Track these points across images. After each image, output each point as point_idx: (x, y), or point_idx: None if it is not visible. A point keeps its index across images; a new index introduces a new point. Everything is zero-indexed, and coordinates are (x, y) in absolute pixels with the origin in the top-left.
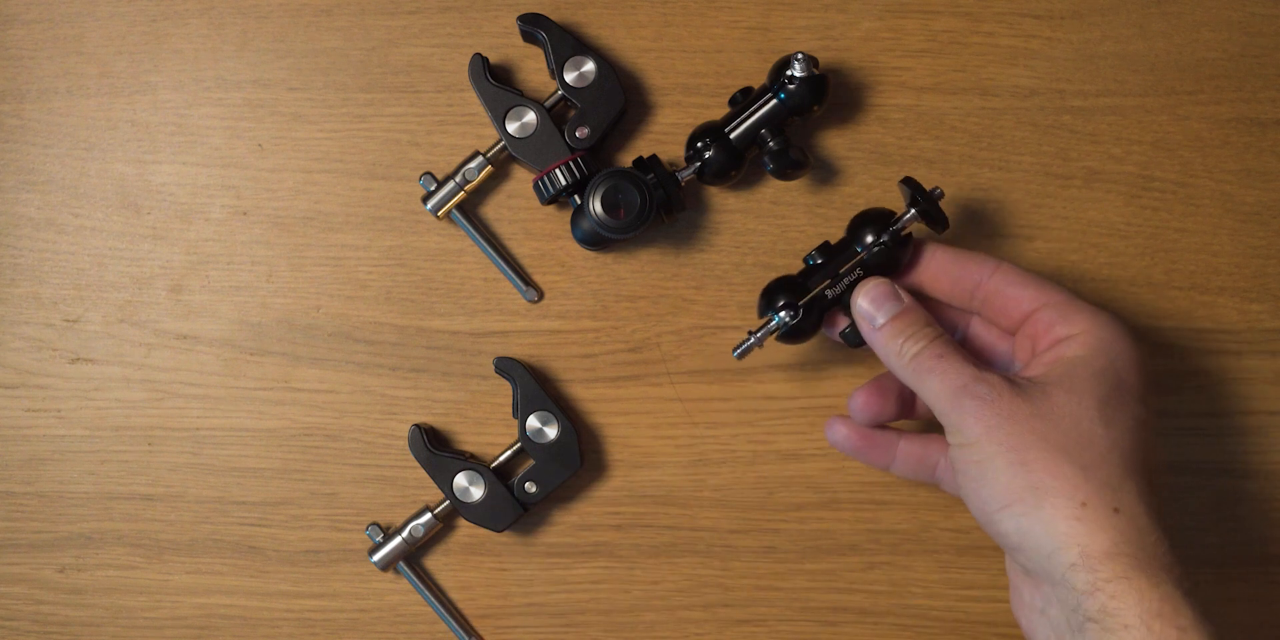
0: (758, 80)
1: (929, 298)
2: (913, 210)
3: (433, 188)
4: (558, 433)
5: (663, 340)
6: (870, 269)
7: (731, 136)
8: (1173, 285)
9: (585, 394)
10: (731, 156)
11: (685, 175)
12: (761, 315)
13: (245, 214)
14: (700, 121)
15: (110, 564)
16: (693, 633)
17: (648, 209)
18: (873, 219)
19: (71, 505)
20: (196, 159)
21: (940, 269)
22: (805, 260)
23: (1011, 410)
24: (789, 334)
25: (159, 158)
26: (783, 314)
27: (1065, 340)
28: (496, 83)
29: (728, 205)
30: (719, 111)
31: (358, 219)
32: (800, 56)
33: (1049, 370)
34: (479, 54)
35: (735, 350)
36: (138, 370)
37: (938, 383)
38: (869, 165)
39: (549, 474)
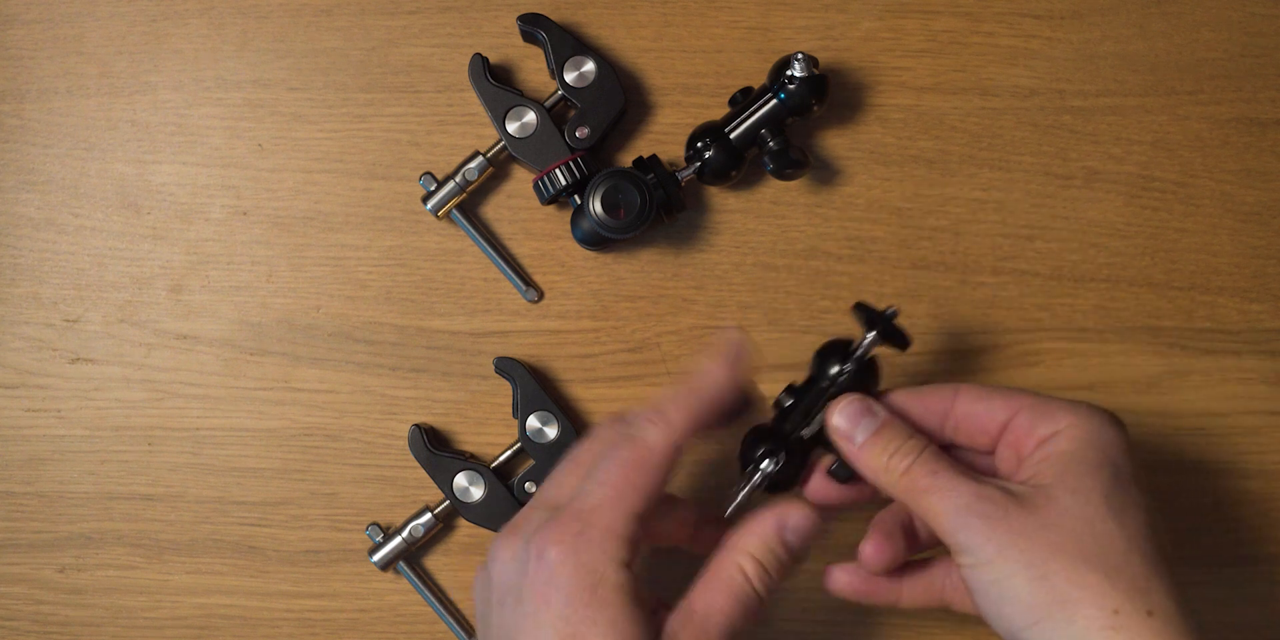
0: (758, 80)
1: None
2: (870, 334)
3: (433, 188)
4: (558, 433)
5: (663, 340)
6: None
7: (731, 136)
8: (1173, 285)
9: (585, 394)
10: (731, 156)
11: (685, 175)
12: (744, 469)
13: (245, 214)
14: (700, 121)
15: (110, 564)
16: None
17: (648, 209)
18: (833, 350)
19: (71, 505)
20: (196, 159)
21: (906, 413)
22: (775, 405)
23: (1021, 524)
24: (774, 485)
25: (159, 158)
26: (765, 463)
27: (1051, 438)
28: (496, 83)
29: (728, 205)
30: (719, 111)
31: (358, 219)
32: (800, 56)
33: (1043, 470)
34: (479, 54)
35: (727, 512)
36: (138, 370)
37: (937, 502)
38: (869, 165)
39: (549, 474)
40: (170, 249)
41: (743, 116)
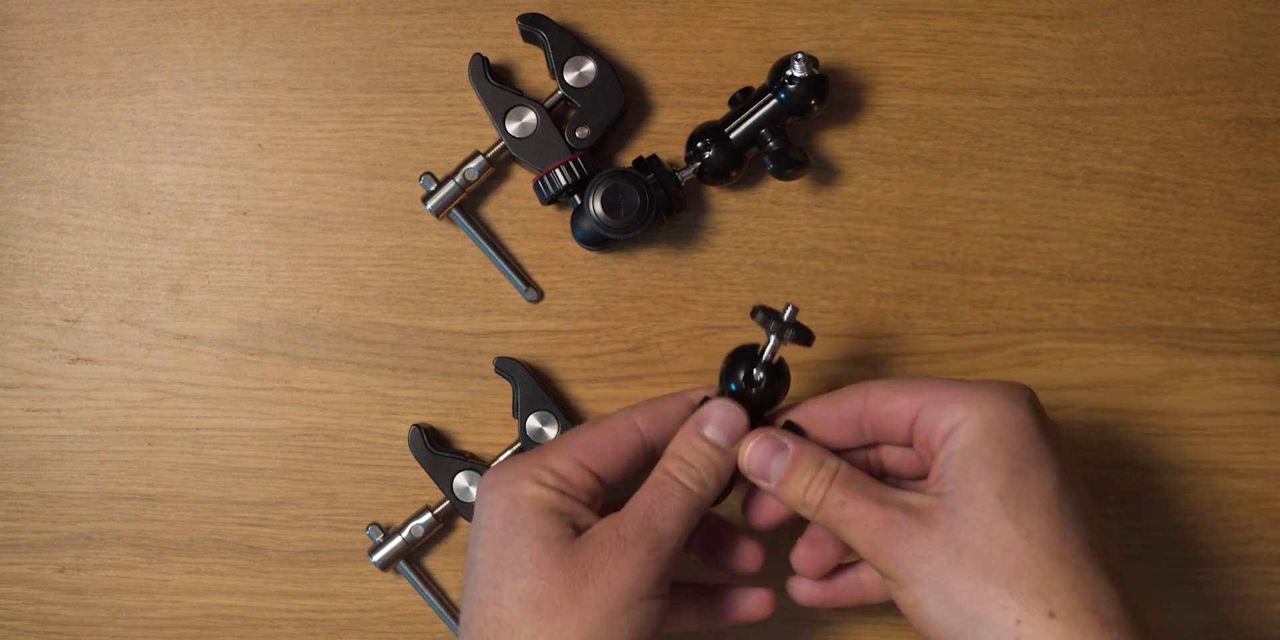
0: (758, 80)
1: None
2: (772, 338)
3: (433, 188)
4: (558, 433)
5: (663, 340)
6: (756, 407)
7: (731, 136)
8: (1173, 285)
9: (585, 394)
10: (731, 156)
11: (685, 175)
12: None
13: (245, 214)
14: (700, 121)
15: (110, 564)
16: (693, 633)
17: (648, 209)
18: (742, 356)
19: (71, 505)
20: (196, 159)
21: (821, 421)
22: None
23: (924, 546)
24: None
25: (159, 158)
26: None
27: (951, 433)
28: (496, 83)
29: (728, 205)
30: (719, 111)
31: (358, 219)
32: (800, 56)
33: (945, 474)
34: (479, 54)
35: None
36: (138, 370)
37: (853, 534)
38: (869, 165)
39: None
40: (170, 249)
41: (743, 116)
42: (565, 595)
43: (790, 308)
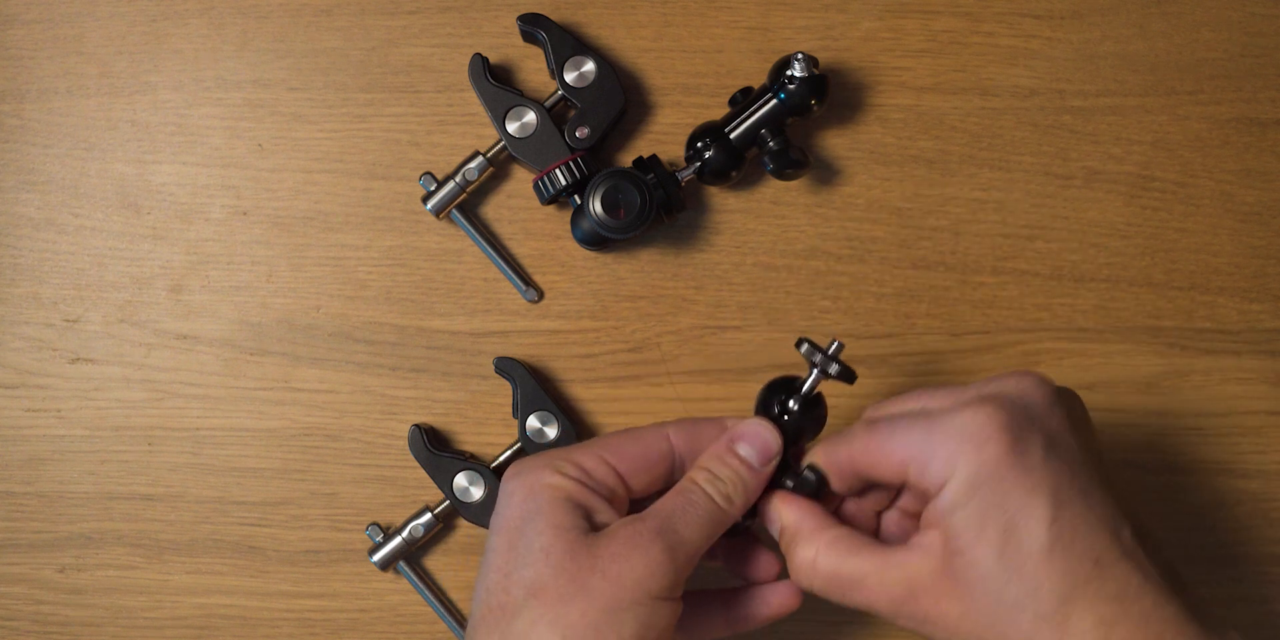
0: (758, 80)
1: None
2: (815, 373)
3: (433, 188)
4: (558, 433)
5: (663, 340)
6: (792, 437)
7: (731, 136)
8: (1173, 285)
9: (585, 394)
10: (731, 156)
11: (685, 175)
12: None
13: (245, 214)
14: (700, 121)
15: (110, 564)
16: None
17: (648, 209)
18: (780, 387)
19: (71, 505)
20: (196, 159)
21: (836, 466)
22: None
23: (932, 606)
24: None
25: (159, 158)
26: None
27: (941, 490)
28: (496, 83)
29: (728, 205)
30: (719, 111)
31: (358, 219)
32: (800, 56)
33: (943, 532)
34: (479, 54)
35: None
36: (138, 370)
37: (859, 599)
38: (869, 165)
39: None
40: (170, 249)
41: (743, 116)
42: (570, 583)
43: (836, 343)
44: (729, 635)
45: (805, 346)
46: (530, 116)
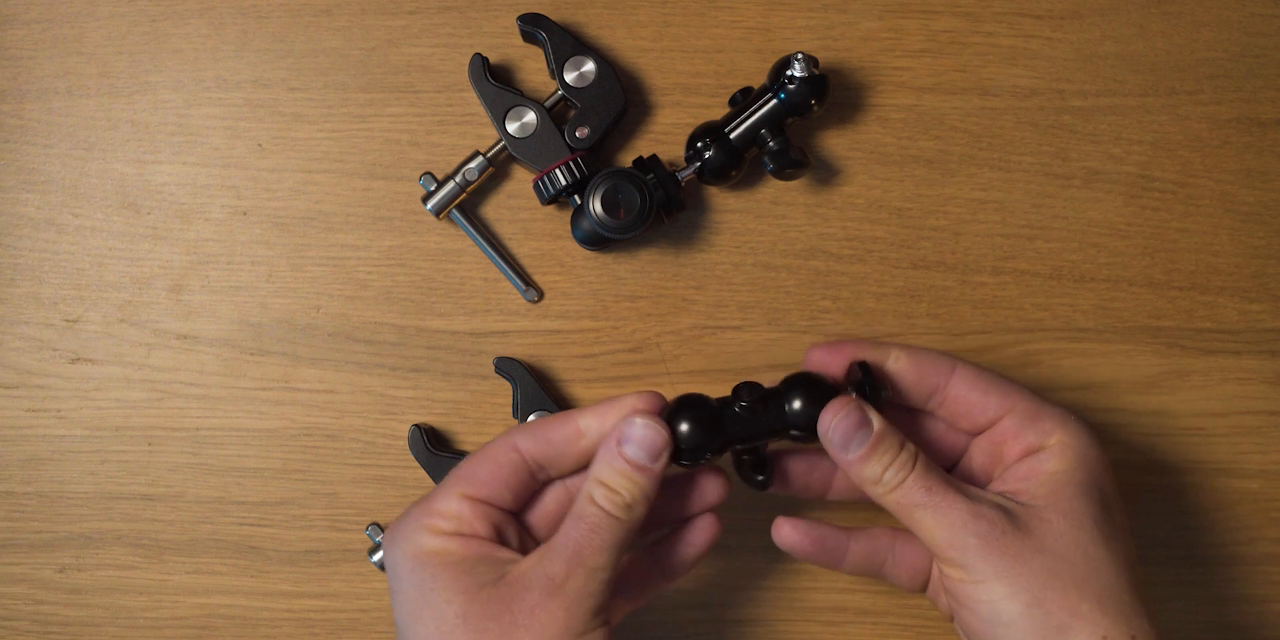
0: (758, 80)
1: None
2: (854, 393)
3: (433, 188)
4: None
5: (663, 340)
6: (800, 430)
7: (731, 136)
8: (1173, 285)
9: (585, 394)
10: (731, 156)
11: (685, 175)
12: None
13: (245, 214)
14: (700, 121)
15: (110, 564)
16: (693, 633)
17: (648, 209)
18: (806, 384)
19: (71, 505)
20: (196, 159)
21: (897, 374)
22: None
23: (1018, 548)
24: (680, 453)
25: (159, 158)
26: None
27: (1039, 452)
28: (496, 83)
29: (728, 205)
30: (719, 111)
31: (358, 219)
32: (800, 56)
33: (1034, 489)
34: (479, 54)
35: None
36: (138, 370)
37: (931, 520)
38: (869, 165)
39: None
40: (170, 249)
41: (743, 116)
42: None
43: (886, 391)
44: (670, 585)
45: (860, 369)
46: (530, 116)
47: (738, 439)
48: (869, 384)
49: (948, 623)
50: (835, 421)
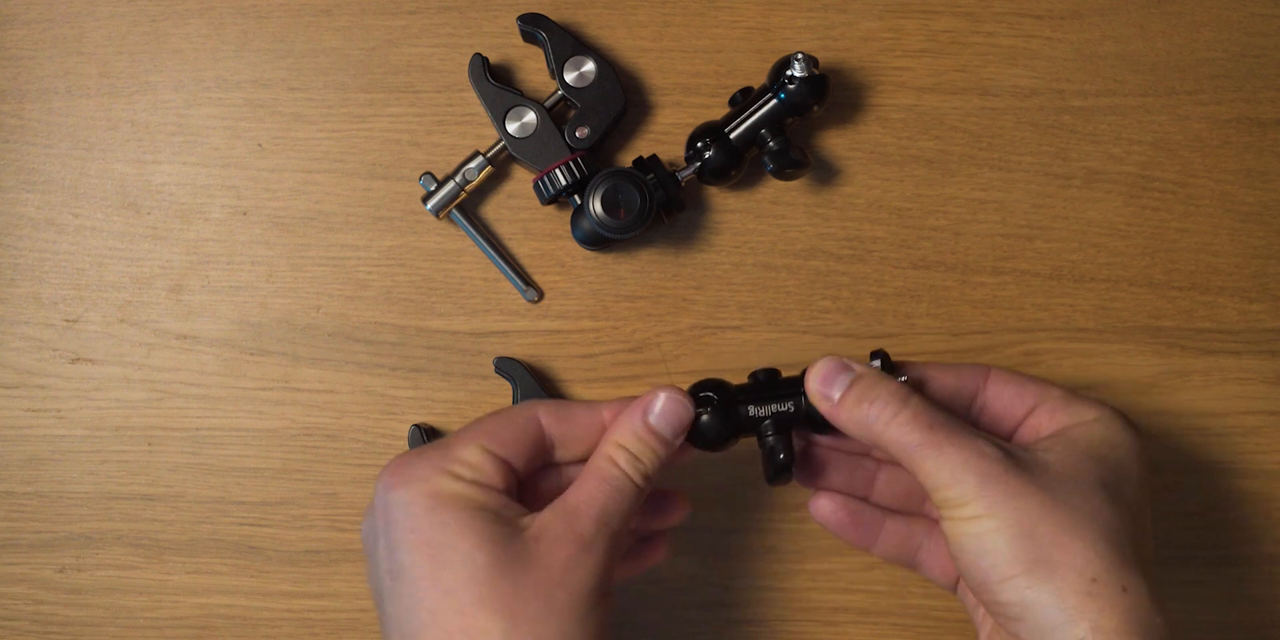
0: (758, 80)
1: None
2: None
3: (433, 188)
4: None
5: (663, 340)
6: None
7: (731, 136)
8: (1173, 285)
9: (585, 394)
10: (731, 156)
11: (685, 175)
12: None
13: (245, 214)
14: (700, 121)
15: (110, 564)
16: (693, 632)
17: (648, 209)
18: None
19: (71, 505)
20: (196, 159)
21: (934, 383)
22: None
23: (1017, 486)
24: (695, 437)
25: (159, 158)
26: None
27: (1070, 427)
28: (496, 83)
29: (728, 205)
30: (719, 111)
31: (358, 219)
32: (800, 56)
33: (1052, 446)
34: (479, 54)
35: None
36: (138, 370)
37: (932, 459)
38: (869, 165)
39: None
40: (170, 249)
41: (743, 116)
42: (536, 598)
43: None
44: (639, 572)
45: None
46: (530, 116)
47: (753, 402)
48: (886, 368)
49: (949, 624)
50: (816, 370)
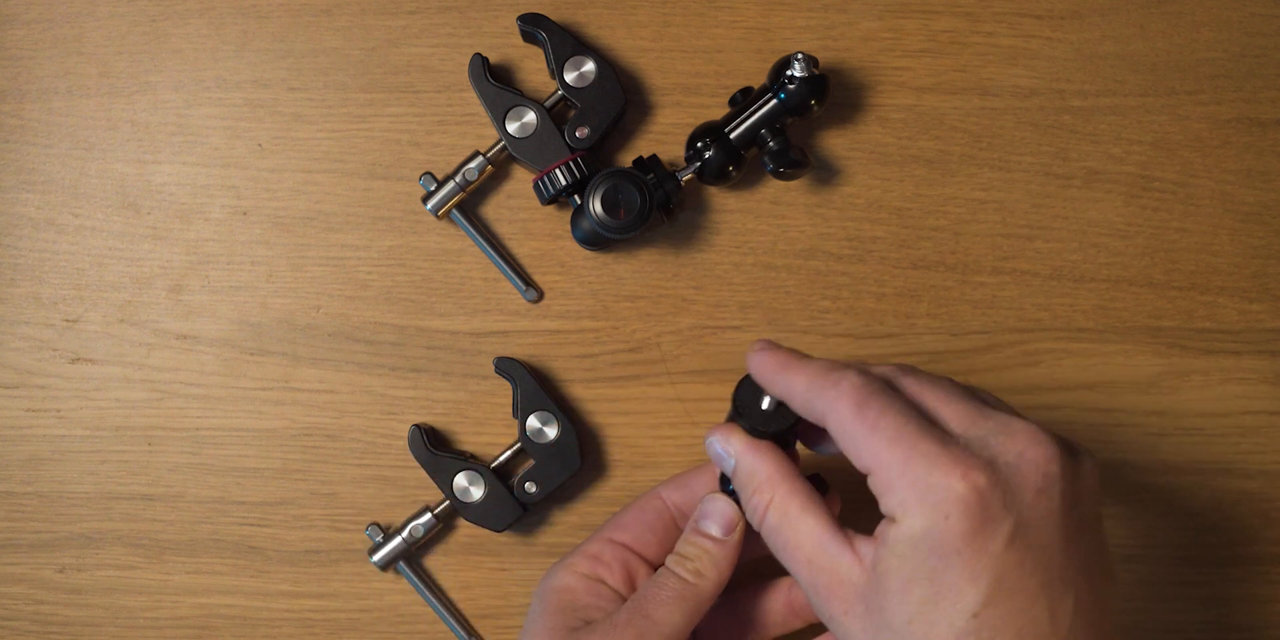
0: (758, 80)
1: None
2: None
3: (433, 188)
4: (558, 433)
5: (663, 340)
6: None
7: (731, 136)
8: (1173, 285)
9: (585, 394)
10: (731, 156)
11: (685, 175)
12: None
13: (245, 214)
14: (700, 121)
15: (110, 564)
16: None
17: (648, 209)
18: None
19: (71, 505)
20: (196, 159)
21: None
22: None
23: (842, 625)
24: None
25: (159, 158)
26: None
27: (889, 522)
28: (496, 83)
29: (728, 205)
30: (719, 111)
31: (358, 219)
32: (800, 56)
33: (874, 563)
34: (479, 54)
35: None
36: (138, 370)
37: (786, 561)
38: (869, 165)
39: (549, 474)
40: (170, 249)
41: (743, 116)
42: None
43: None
44: None
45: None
46: (530, 116)
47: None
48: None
49: None
50: (707, 447)
